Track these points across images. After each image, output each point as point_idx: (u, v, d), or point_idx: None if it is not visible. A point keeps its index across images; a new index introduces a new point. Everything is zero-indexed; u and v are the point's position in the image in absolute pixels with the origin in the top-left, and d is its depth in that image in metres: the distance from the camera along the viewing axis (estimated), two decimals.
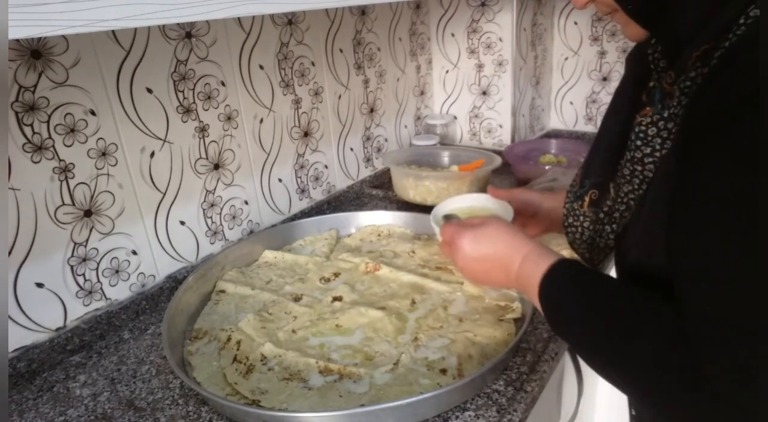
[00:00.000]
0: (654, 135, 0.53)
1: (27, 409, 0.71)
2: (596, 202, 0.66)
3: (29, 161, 0.75)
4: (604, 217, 0.65)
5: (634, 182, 0.57)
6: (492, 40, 1.48)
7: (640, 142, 0.54)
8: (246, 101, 1.04)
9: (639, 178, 0.56)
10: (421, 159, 1.36)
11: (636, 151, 0.55)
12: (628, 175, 0.57)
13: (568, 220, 0.71)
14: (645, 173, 0.55)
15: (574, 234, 0.71)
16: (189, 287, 0.88)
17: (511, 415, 0.65)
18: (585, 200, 0.68)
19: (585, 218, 0.68)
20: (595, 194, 0.66)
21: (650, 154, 0.54)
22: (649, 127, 0.53)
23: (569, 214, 0.71)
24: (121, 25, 0.45)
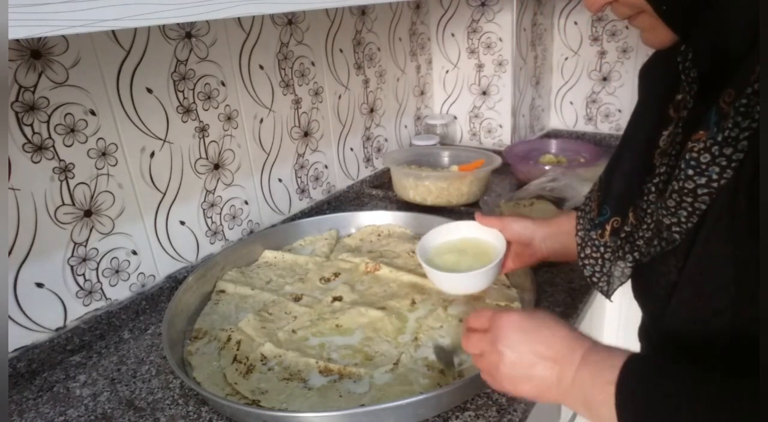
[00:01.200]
0: (708, 162, 0.44)
1: (27, 409, 0.71)
2: (617, 230, 0.59)
3: (29, 161, 0.75)
4: (622, 244, 0.58)
5: (681, 214, 0.48)
6: (492, 40, 1.48)
7: (692, 171, 0.45)
8: (246, 101, 1.04)
9: (688, 210, 0.47)
10: (421, 159, 1.36)
11: (687, 181, 0.46)
12: (674, 206, 0.48)
13: (585, 252, 0.64)
14: (696, 205, 0.46)
15: (594, 266, 0.63)
16: (189, 287, 0.88)
17: (511, 415, 0.65)
18: (606, 229, 0.60)
19: (606, 249, 0.61)
20: (618, 222, 0.59)
21: (705, 185, 0.45)
22: (702, 153, 0.44)
23: (586, 245, 0.64)
24: (121, 25, 0.45)
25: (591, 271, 0.64)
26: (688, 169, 0.46)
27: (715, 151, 0.44)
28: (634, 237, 0.57)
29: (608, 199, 0.61)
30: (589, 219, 0.64)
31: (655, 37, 0.51)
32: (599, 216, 0.61)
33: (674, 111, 0.53)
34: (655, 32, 0.51)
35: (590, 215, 0.64)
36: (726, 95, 0.44)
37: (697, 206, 0.47)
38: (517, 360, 0.51)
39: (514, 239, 0.77)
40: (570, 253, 0.73)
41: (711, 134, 0.44)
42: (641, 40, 0.53)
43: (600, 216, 0.61)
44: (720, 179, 0.44)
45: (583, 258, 0.64)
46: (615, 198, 0.60)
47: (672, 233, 0.50)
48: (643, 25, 0.51)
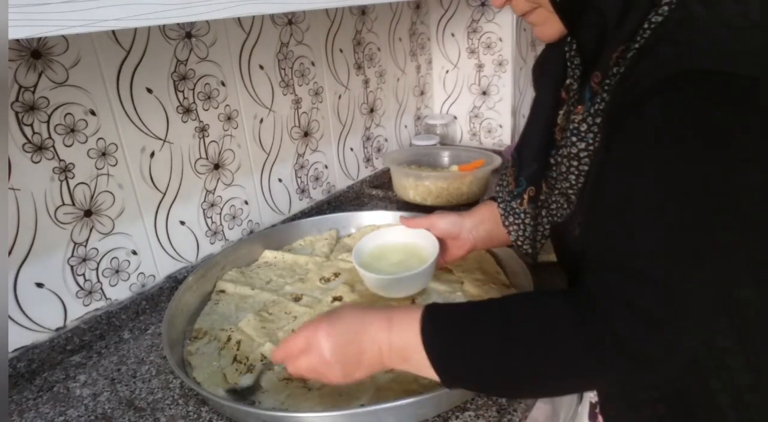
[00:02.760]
0: (586, 130, 0.55)
1: (27, 409, 0.71)
2: (533, 198, 0.68)
3: (29, 161, 0.75)
4: (539, 211, 0.68)
5: (571, 178, 0.58)
6: (492, 40, 1.48)
7: (576, 138, 0.56)
8: (246, 101, 1.04)
9: (575, 173, 0.58)
10: (421, 159, 1.36)
11: (572, 146, 0.57)
12: (565, 170, 0.59)
13: (508, 219, 0.73)
14: (581, 167, 0.57)
15: (518, 232, 0.72)
16: (189, 287, 0.88)
17: (511, 415, 0.65)
18: (524, 198, 0.69)
19: (526, 215, 0.70)
20: (533, 191, 0.68)
21: (585, 149, 0.56)
22: (581, 123, 0.55)
23: (508, 214, 0.73)
24: (121, 25, 0.45)
25: (516, 236, 0.73)
26: (572, 136, 0.56)
27: (590, 121, 0.55)
28: (548, 203, 0.66)
29: (522, 172, 0.69)
30: (508, 191, 0.72)
31: (548, 30, 0.59)
32: (517, 188, 0.70)
33: (565, 93, 0.62)
34: (549, 26, 0.59)
35: (508, 188, 0.72)
36: (594, 76, 0.54)
37: (581, 168, 0.57)
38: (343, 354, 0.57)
39: (443, 235, 0.83)
40: (495, 240, 0.82)
41: (586, 108, 0.55)
42: (534, 35, 0.61)
43: (517, 188, 0.70)
44: (594, 143, 0.55)
45: (507, 226, 0.74)
46: (526, 171, 0.69)
47: (570, 195, 0.59)
48: (537, 20, 0.59)
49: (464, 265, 0.95)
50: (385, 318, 0.56)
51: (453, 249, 0.84)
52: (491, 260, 0.96)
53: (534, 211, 0.69)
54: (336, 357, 0.56)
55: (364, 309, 0.59)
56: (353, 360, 0.57)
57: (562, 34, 0.60)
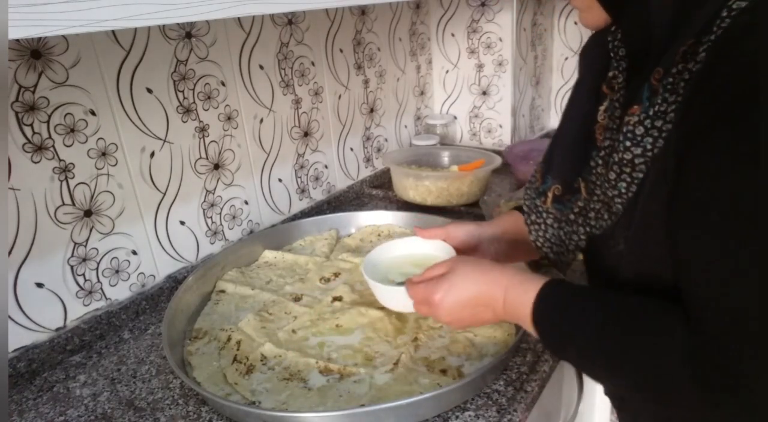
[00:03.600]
0: (643, 134, 0.49)
1: (27, 409, 0.71)
2: (559, 198, 0.64)
3: (29, 161, 0.75)
4: (576, 218, 0.62)
5: (621, 186, 0.53)
6: (492, 40, 1.48)
7: (630, 143, 0.50)
8: (246, 101, 1.04)
9: (627, 181, 0.52)
10: (421, 159, 1.36)
11: (625, 152, 0.51)
12: (615, 178, 0.53)
13: (530, 218, 0.69)
14: (635, 175, 0.51)
15: (537, 231, 0.69)
16: (189, 287, 0.88)
17: (511, 415, 0.65)
18: (548, 196, 0.65)
19: (548, 215, 0.66)
20: (558, 190, 0.64)
21: (641, 155, 0.50)
22: (637, 126, 0.50)
23: (531, 211, 0.69)
24: (121, 25, 0.45)
25: (536, 236, 0.69)
26: (626, 140, 0.51)
27: (648, 124, 0.49)
28: (586, 210, 0.60)
29: (550, 168, 0.66)
30: (534, 188, 0.69)
31: (591, 17, 0.55)
32: (543, 185, 0.66)
33: (607, 88, 0.58)
34: (591, 12, 0.55)
35: (535, 185, 0.68)
36: (656, 73, 0.48)
37: (635, 176, 0.51)
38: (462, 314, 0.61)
39: (460, 246, 0.76)
40: (517, 253, 0.76)
41: (644, 108, 0.49)
42: (579, 21, 0.57)
43: (543, 185, 0.66)
44: (653, 149, 0.49)
45: (529, 225, 0.70)
46: (556, 168, 0.65)
47: (615, 204, 0.54)
48: (581, 5, 0.56)
49: None
50: (501, 286, 0.58)
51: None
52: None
53: (560, 214, 0.64)
54: (452, 318, 0.61)
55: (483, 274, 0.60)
56: (470, 321, 0.62)
57: (606, 22, 0.56)
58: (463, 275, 0.61)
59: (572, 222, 0.63)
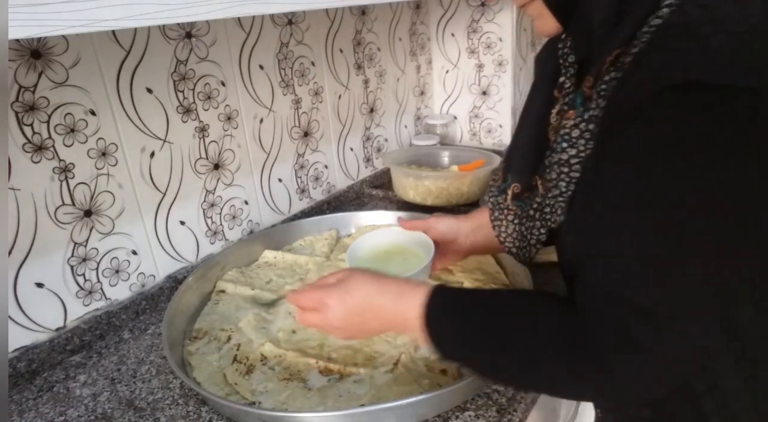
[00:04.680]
0: (578, 137, 0.53)
1: (27, 409, 0.71)
2: (518, 195, 0.67)
3: (29, 161, 0.75)
4: (534, 214, 0.66)
5: (561, 185, 0.57)
6: (492, 40, 1.48)
7: (566, 144, 0.55)
8: (246, 101, 1.04)
9: (565, 180, 0.56)
10: (421, 159, 1.36)
11: (562, 153, 0.55)
12: (555, 178, 0.57)
13: (494, 214, 0.72)
14: (571, 175, 0.55)
15: (500, 227, 0.72)
16: (189, 287, 0.88)
17: (511, 415, 0.65)
18: (508, 194, 0.68)
19: (509, 211, 0.69)
20: (518, 188, 0.67)
21: (576, 155, 0.54)
22: (573, 129, 0.54)
23: (495, 208, 0.72)
24: (121, 25, 0.45)
25: (498, 231, 0.72)
26: (563, 142, 0.55)
27: (582, 127, 0.53)
28: (542, 207, 0.64)
29: (510, 168, 0.69)
30: (497, 186, 0.72)
31: (544, 24, 0.57)
32: (504, 183, 0.69)
33: (558, 92, 0.61)
34: (544, 20, 0.56)
35: (498, 183, 0.72)
36: (586, 81, 0.53)
37: (572, 175, 0.55)
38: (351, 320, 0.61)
39: (440, 238, 0.81)
40: (493, 245, 0.78)
41: (578, 113, 0.54)
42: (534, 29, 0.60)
43: (504, 183, 0.69)
44: (585, 149, 0.53)
45: (493, 221, 0.73)
46: (514, 167, 0.68)
47: (558, 202, 0.58)
48: (534, 13, 0.58)
49: (464, 265, 0.95)
50: (393, 295, 0.59)
51: (449, 253, 0.82)
52: (491, 260, 0.96)
53: (520, 210, 0.67)
54: (343, 323, 0.61)
55: (377, 281, 0.61)
56: (358, 328, 0.62)
57: (559, 30, 0.58)
58: (356, 283, 0.61)
59: (532, 218, 0.66)
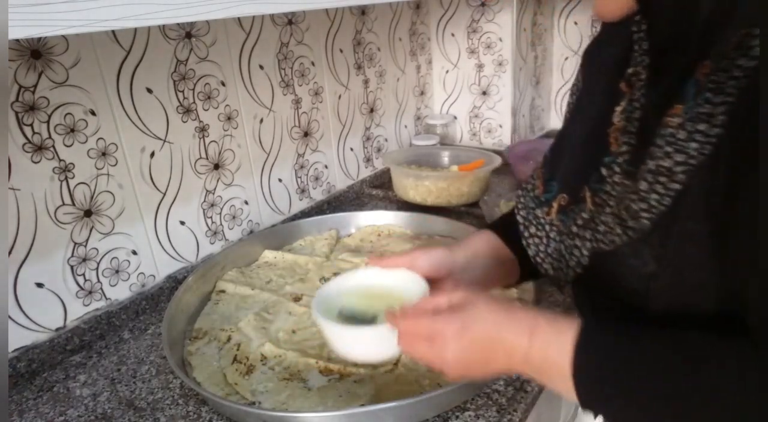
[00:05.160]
0: (686, 139, 0.42)
1: (27, 409, 0.71)
2: (564, 208, 0.56)
3: (29, 161, 0.75)
4: (578, 231, 0.54)
5: (652, 198, 0.45)
6: (492, 40, 1.47)
7: (670, 148, 0.43)
8: (246, 101, 1.04)
9: (661, 192, 0.44)
10: (421, 159, 1.36)
11: (663, 158, 0.43)
12: (646, 189, 0.45)
13: (529, 230, 0.61)
14: (671, 186, 0.44)
15: (538, 245, 0.60)
16: (189, 287, 0.88)
17: (511, 415, 0.65)
18: (553, 206, 0.57)
19: (552, 227, 0.58)
20: (565, 200, 0.56)
21: (683, 163, 0.42)
22: (679, 129, 0.43)
23: (530, 223, 0.61)
24: (121, 25, 0.45)
25: (535, 250, 0.60)
26: (666, 146, 0.44)
27: (690, 127, 0.42)
28: (593, 224, 0.52)
29: (556, 175, 0.58)
30: (533, 196, 0.61)
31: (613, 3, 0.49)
32: (545, 193, 0.59)
33: (626, 85, 0.51)
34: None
35: (534, 193, 0.61)
36: (702, 67, 0.42)
37: (671, 187, 0.44)
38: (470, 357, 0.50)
39: (429, 275, 0.61)
40: (493, 278, 0.66)
41: (687, 108, 0.42)
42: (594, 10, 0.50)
43: (546, 193, 0.59)
44: (698, 156, 0.42)
45: (527, 238, 0.61)
46: (564, 174, 0.57)
47: (641, 220, 0.46)
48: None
49: None
50: (527, 328, 0.48)
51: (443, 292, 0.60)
52: None
53: (563, 226, 0.56)
54: (458, 362, 0.50)
55: (506, 312, 0.49)
56: (476, 368, 0.51)
57: (629, 10, 0.49)
58: (480, 311, 0.49)
59: (575, 236, 0.55)
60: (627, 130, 0.50)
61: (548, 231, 0.58)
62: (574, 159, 0.56)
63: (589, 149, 0.54)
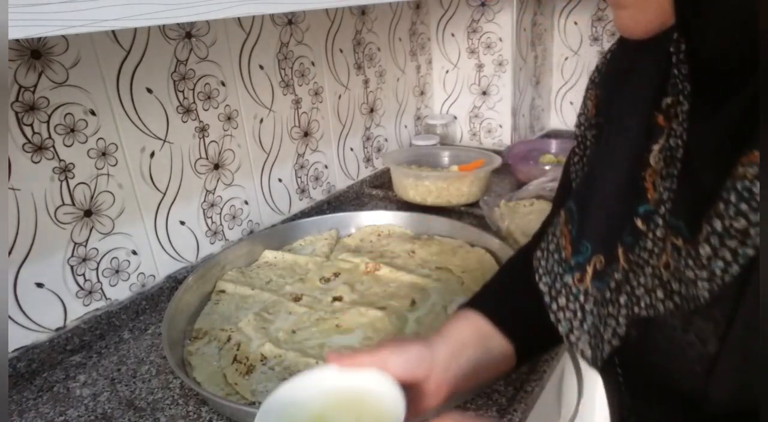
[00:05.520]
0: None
1: (27, 409, 0.71)
2: (601, 273, 0.45)
3: (29, 161, 0.75)
4: (611, 296, 0.44)
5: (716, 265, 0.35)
6: (492, 40, 1.48)
7: (746, 205, 0.33)
8: (246, 101, 1.04)
9: (727, 258, 0.35)
10: (421, 159, 1.36)
11: (735, 218, 0.34)
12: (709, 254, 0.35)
13: (558, 302, 0.49)
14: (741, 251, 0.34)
15: (572, 321, 0.48)
16: (189, 287, 0.88)
17: (511, 415, 0.65)
18: (587, 271, 0.46)
19: (587, 297, 0.46)
20: (601, 263, 0.45)
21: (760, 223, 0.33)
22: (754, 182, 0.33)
23: (559, 294, 0.49)
24: (121, 25, 0.45)
25: (568, 327, 0.48)
26: (741, 202, 0.33)
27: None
28: (631, 287, 0.43)
29: (587, 231, 0.47)
30: (559, 260, 0.49)
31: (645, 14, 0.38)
32: (575, 256, 0.47)
33: (664, 119, 0.41)
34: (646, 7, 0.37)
35: (559, 255, 0.49)
36: None
37: (742, 252, 0.34)
38: None
39: (404, 379, 0.48)
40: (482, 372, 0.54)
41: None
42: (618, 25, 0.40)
43: (576, 256, 0.47)
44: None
45: (556, 311, 0.49)
46: (597, 230, 0.46)
47: (701, 290, 0.36)
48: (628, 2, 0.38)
49: (465, 265, 0.95)
50: None
51: (423, 397, 0.51)
52: (491, 260, 0.96)
53: (600, 294, 0.45)
54: None
55: None
56: None
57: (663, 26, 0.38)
58: None
59: (607, 302, 0.45)
60: (668, 173, 0.41)
61: (583, 302, 0.47)
62: (607, 210, 0.46)
63: (624, 198, 0.44)
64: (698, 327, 0.38)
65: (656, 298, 0.41)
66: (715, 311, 0.36)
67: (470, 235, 1.03)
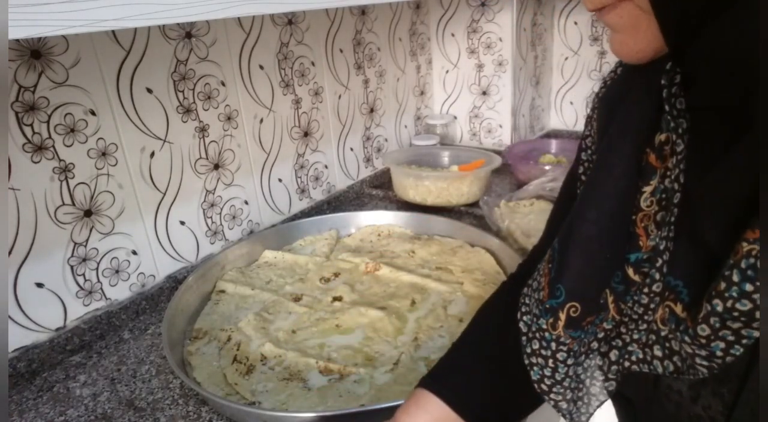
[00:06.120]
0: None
1: (27, 409, 0.71)
2: (576, 321, 0.42)
3: (29, 161, 0.75)
4: (599, 347, 0.42)
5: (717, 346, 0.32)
6: (492, 40, 1.48)
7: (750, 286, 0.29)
8: (246, 101, 1.04)
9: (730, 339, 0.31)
10: (421, 159, 1.36)
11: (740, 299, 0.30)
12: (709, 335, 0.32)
13: (532, 345, 0.45)
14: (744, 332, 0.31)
15: (543, 369, 0.44)
16: (189, 287, 0.88)
17: None
18: (560, 318, 0.42)
19: (559, 346, 0.43)
20: (576, 310, 0.41)
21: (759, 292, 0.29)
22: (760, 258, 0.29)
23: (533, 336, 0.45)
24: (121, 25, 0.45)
25: (539, 375, 0.45)
26: (745, 282, 0.29)
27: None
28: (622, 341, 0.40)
29: (563, 275, 0.42)
30: (537, 300, 0.45)
31: (635, 41, 0.34)
32: (550, 299, 0.43)
33: (656, 157, 0.37)
34: (636, 33, 0.34)
35: (539, 295, 0.45)
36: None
37: (745, 334, 0.31)
38: None
39: None
40: None
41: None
42: (611, 48, 0.37)
43: (551, 299, 0.43)
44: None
45: (529, 355, 0.45)
46: (573, 275, 0.42)
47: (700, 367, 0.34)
48: (621, 21, 0.34)
49: (464, 265, 0.95)
50: None
51: None
52: (491, 260, 0.96)
53: (575, 342, 0.42)
54: None
55: None
56: None
57: (656, 52, 0.35)
58: None
59: (596, 354, 0.42)
60: (663, 219, 0.37)
61: (555, 350, 0.43)
62: (590, 255, 0.41)
63: (611, 242, 0.40)
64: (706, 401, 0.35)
65: (653, 355, 0.38)
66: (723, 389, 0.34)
67: (470, 235, 1.03)
